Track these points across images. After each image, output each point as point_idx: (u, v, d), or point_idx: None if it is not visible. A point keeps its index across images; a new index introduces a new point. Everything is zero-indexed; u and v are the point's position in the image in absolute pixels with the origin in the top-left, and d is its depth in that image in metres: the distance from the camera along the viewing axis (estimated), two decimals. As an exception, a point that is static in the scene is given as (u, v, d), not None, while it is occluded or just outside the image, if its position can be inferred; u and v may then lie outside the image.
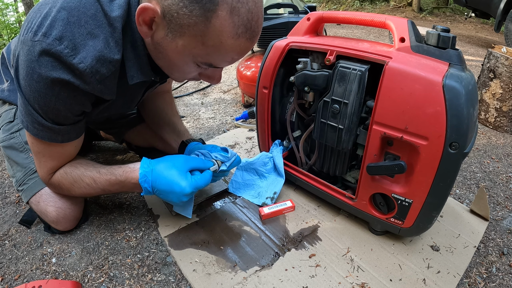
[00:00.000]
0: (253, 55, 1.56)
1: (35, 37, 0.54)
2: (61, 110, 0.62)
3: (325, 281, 0.67)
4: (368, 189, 0.73)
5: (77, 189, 0.74)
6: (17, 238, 0.81)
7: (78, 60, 0.55)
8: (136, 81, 0.64)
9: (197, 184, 0.70)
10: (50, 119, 0.63)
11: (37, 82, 0.57)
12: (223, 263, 0.72)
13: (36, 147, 0.71)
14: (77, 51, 0.55)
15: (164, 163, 0.71)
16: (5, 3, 4.87)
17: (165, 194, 0.70)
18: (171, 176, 0.69)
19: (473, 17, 3.99)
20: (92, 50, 0.56)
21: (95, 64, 0.56)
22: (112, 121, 1.07)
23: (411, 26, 0.65)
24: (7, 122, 0.88)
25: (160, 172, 0.69)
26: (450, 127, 0.57)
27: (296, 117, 0.90)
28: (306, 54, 0.80)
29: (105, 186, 0.73)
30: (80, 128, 0.71)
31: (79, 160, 0.77)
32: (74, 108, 0.63)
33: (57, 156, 0.72)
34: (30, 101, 0.61)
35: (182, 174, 0.69)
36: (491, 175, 1.08)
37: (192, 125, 1.46)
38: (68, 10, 0.55)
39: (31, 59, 0.55)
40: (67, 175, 0.73)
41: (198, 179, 0.71)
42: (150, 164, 0.71)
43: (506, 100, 1.33)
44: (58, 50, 0.54)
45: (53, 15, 0.55)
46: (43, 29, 0.54)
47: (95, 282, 0.69)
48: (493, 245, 0.79)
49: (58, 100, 0.59)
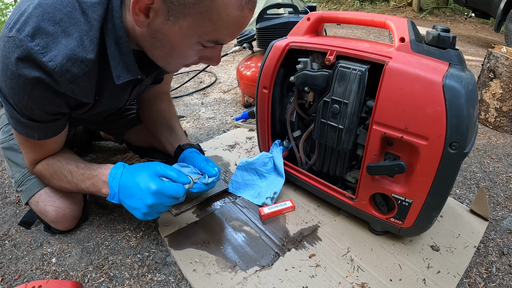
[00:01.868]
0: (253, 55, 1.55)
1: (10, 32, 0.54)
2: (34, 108, 0.61)
3: (325, 281, 0.67)
4: (368, 189, 0.73)
5: (56, 181, 0.74)
6: (17, 238, 0.81)
7: (48, 58, 0.54)
8: (123, 80, 0.63)
9: (164, 188, 0.65)
10: (25, 115, 0.63)
11: (10, 79, 0.56)
12: (223, 263, 0.72)
13: (18, 139, 0.72)
14: (48, 49, 0.54)
15: (138, 165, 0.70)
16: (5, 3, 4.86)
17: (129, 197, 0.67)
18: (141, 175, 0.66)
19: (473, 17, 3.99)
20: (63, 49, 0.55)
21: (66, 63, 0.55)
22: (112, 121, 1.07)
23: (411, 26, 0.65)
24: (6, 124, 0.88)
25: (132, 171, 0.68)
26: (450, 127, 0.57)
27: (296, 117, 0.90)
28: (306, 54, 0.80)
29: (78, 181, 0.72)
30: (58, 126, 0.70)
31: (64, 154, 0.76)
32: (47, 108, 0.62)
33: (38, 150, 0.73)
34: (6, 96, 0.60)
35: (154, 176, 0.67)
36: (491, 175, 1.08)
37: (192, 125, 1.46)
38: (44, 7, 0.54)
39: (5, 55, 0.55)
40: (49, 167, 0.74)
41: (168, 184, 0.67)
42: (125, 165, 0.71)
43: (506, 100, 1.33)
44: (29, 46, 0.53)
45: (29, 12, 0.54)
46: (18, 25, 0.54)
47: (95, 282, 0.69)
48: (493, 245, 0.79)
49: (30, 98, 0.59)
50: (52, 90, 0.59)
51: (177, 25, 0.55)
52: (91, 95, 0.65)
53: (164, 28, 0.56)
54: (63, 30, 0.55)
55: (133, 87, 0.77)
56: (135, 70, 0.64)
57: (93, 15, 0.56)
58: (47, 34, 0.54)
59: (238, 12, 0.54)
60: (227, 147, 1.21)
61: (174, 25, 0.55)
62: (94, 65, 0.59)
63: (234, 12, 0.54)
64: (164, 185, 0.66)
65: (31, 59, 0.54)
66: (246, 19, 0.57)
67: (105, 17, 0.58)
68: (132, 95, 0.81)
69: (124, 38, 0.60)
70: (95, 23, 0.56)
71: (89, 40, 0.57)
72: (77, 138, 1.17)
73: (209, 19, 0.54)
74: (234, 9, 0.54)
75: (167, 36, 0.58)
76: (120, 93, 0.75)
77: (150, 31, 0.58)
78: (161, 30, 0.57)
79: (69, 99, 0.63)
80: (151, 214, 0.68)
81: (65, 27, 0.55)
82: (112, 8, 0.58)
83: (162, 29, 0.57)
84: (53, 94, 0.60)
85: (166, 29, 0.56)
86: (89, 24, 0.56)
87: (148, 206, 0.65)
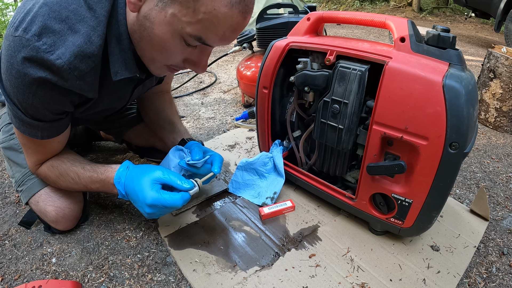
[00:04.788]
0: (253, 55, 1.55)
1: (15, 32, 0.54)
2: (39, 108, 0.61)
3: (325, 281, 0.67)
4: (368, 189, 0.73)
5: (63, 182, 0.74)
6: (17, 238, 0.81)
7: (55, 56, 0.54)
8: (120, 77, 0.63)
9: (161, 201, 0.63)
10: (30, 114, 0.63)
11: (15, 78, 0.57)
12: (223, 263, 0.72)
13: (21, 139, 0.71)
14: (55, 47, 0.54)
15: (140, 169, 0.68)
16: (5, 3, 4.86)
17: (133, 201, 0.68)
18: (140, 183, 0.65)
19: (473, 17, 3.99)
20: (71, 46, 0.55)
21: (74, 60, 0.55)
22: (112, 121, 1.07)
23: (411, 26, 0.65)
24: (7, 124, 0.88)
25: (133, 176, 0.68)
26: (450, 127, 0.57)
27: (296, 117, 0.90)
28: (306, 54, 0.80)
29: (87, 183, 0.73)
30: (61, 126, 0.70)
31: (67, 154, 0.76)
32: (52, 107, 0.62)
33: (41, 150, 0.72)
34: (11, 95, 0.60)
35: (152, 185, 0.65)
36: (491, 175, 1.08)
37: (192, 125, 1.46)
38: (49, 6, 0.55)
39: (10, 54, 0.55)
40: (54, 169, 0.74)
41: (166, 197, 0.64)
42: (128, 168, 0.70)
43: (506, 100, 1.33)
44: (36, 46, 0.53)
45: (35, 11, 0.54)
46: (24, 24, 0.54)
47: (95, 282, 0.69)
48: (493, 245, 0.79)
49: (35, 98, 0.59)
50: (58, 89, 0.59)
51: (163, 12, 0.54)
52: (96, 90, 0.65)
53: (151, 15, 0.55)
54: (69, 27, 0.55)
55: (134, 87, 0.77)
56: (133, 68, 0.64)
57: (101, 10, 0.57)
58: (53, 33, 0.54)
59: (226, 9, 0.52)
60: (227, 147, 1.21)
61: (160, 11, 0.54)
62: (99, 60, 0.59)
63: (221, 7, 0.52)
64: (160, 198, 0.64)
65: (37, 58, 0.54)
66: (235, 21, 0.55)
67: (111, 13, 0.58)
68: (134, 95, 0.81)
69: (125, 35, 0.60)
70: (102, 18, 0.57)
71: (96, 36, 0.57)
72: (77, 138, 1.17)
73: (193, 10, 0.52)
74: (222, 5, 0.52)
75: (153, 24, 0.56)
76: (120, 92, 0.75)
77: (140, 17, 0.57)
78: (148, 17, 0.56)
79: (74, 97, 0.64)
80: (155, 215, 0.69)
81: (72, 24, 0.55)
82: (117, 5, 0.58)
83: (150, 15, 0.56)
84: (59, 93, 0.60)
85: (153, 15, 0.55)
86: (97, 19, 0.57)
87: (148, 213, 0.66)
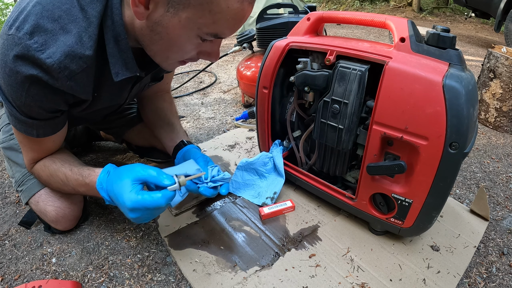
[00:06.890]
0: (253, 55, 1.55)
1: (9, 30, 0.54)
2: (32, 106, 0.61)
3: (325, 281, 0.67)
4: (368, 189, 0.73)
5: (53, 183, 0.74)
6: (17, 238, 0.81)
7: (46, 55, 0.54)
8: (121, 77, 0.63)
9: (141, 202, 0.59)
10: (24, 112, 0.63)
11: (9, 76, 0.57)
12: (223, 263, 0.72)
13: (18, 136, 0.72)
14: (46, 46, 0.54)
15: (119, 172, 0.64)
16: (5, 3, 4.86)
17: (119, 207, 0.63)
18: (119, 186, 0.61)
19: (473, 17, 3.99)
20: (62, 46, 0.55)
21: (64, 59, 0.55)
22: (112, 121, 1.07)
23: (411, 26, 0.65)
24: (7, 124, 0.88)
25: (113, 180, 0.64)
26: (450, 127, 0.57)
27: (296, 117, 0.90)
28: (306, 54, 0.80)
29: (74, 186, 0.70)
30: (57, 124, 0.70)
31: (59, 154, 0.76)
32: (46, 105, 0.62)
33: (36, 149, 0.72)
34: (6, 93, 0.61)
35: (132, 186, 0.60)
36: (491, 175, 1.08)
37: (192, 125, 1.46)
38: (43, 5, 0.55)
39: (4, 52, 0.55)
40: (45, 168, 0.74)
41: (147, 197, 0.59)
42: (109, 171, 0.66)
43: (506, 100, 1.33)
44: (27, 44, 0.53)
45: (28, 9, 0.55)
46: (17, 23, 0.54)
47: (95, 282, 0.69)
48: (493, 245, 0.79)
49: (28, 96, 0.59)
50: (50, 87, 0.59)
51: (176, 17, 0.55)
52: (89, 92, 0.64)
53: (163, 20, 0.56)
54: (61, 27, 0.55)
55: (133, 85, 0.77)
56: (134, 68, 0.64)
57: (92, 11, 0.56)
58: (45, 31, 0.54)
59: (238, 5, 0.54)
60: (227, 147, 1.21)
61: (173, 17, 0.55)
62: (93, 61, 0.59)
63: (234, 4, 0.54)
64: (139, 200, 0.59)
65: (29, 56, 0.54)
66: (245, 12, 0.57)
67: (104, 14, 0.58)
68: (132, 92, 0.81)
69: (123, 35, 0.60)
70: (93, 19, 0.57)
71: (87, 37, 0.57)
72: (77, 138, 1.17)
73: (209, 11, 0.54)
74: (235, 1, 0.54)
75: (166, 29, 0.57)
76: (119, 91, 0.75)
77: (150, 24, 0.57)
78: (160, 23, 0.56)
79: (68, 97, 0.63)
80: (142, 219, 0.63)
81: (64, 24, 0.55)
82: (111, 5, 0.58)
83: (162, 21, 0.56)
84: (51, 91, 0.60)
85: (165, 21, 0.56)
86: (88, 20, 0.56)
87: (132, 218, 0.61)
